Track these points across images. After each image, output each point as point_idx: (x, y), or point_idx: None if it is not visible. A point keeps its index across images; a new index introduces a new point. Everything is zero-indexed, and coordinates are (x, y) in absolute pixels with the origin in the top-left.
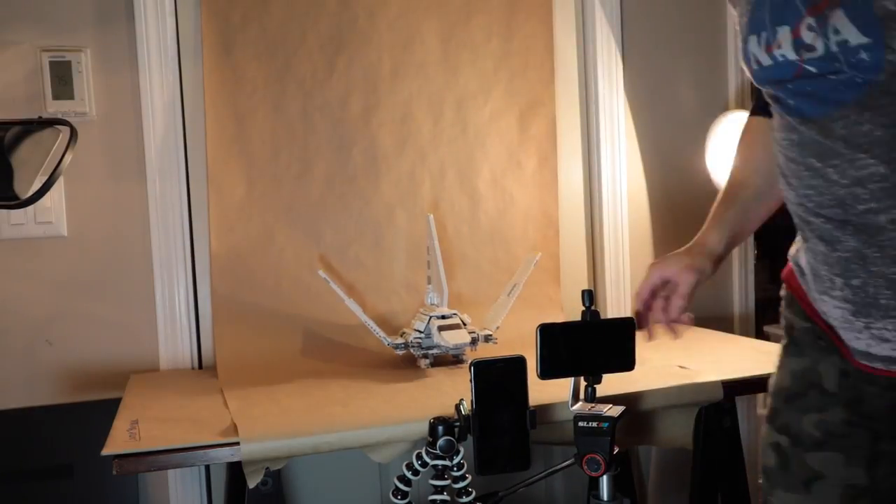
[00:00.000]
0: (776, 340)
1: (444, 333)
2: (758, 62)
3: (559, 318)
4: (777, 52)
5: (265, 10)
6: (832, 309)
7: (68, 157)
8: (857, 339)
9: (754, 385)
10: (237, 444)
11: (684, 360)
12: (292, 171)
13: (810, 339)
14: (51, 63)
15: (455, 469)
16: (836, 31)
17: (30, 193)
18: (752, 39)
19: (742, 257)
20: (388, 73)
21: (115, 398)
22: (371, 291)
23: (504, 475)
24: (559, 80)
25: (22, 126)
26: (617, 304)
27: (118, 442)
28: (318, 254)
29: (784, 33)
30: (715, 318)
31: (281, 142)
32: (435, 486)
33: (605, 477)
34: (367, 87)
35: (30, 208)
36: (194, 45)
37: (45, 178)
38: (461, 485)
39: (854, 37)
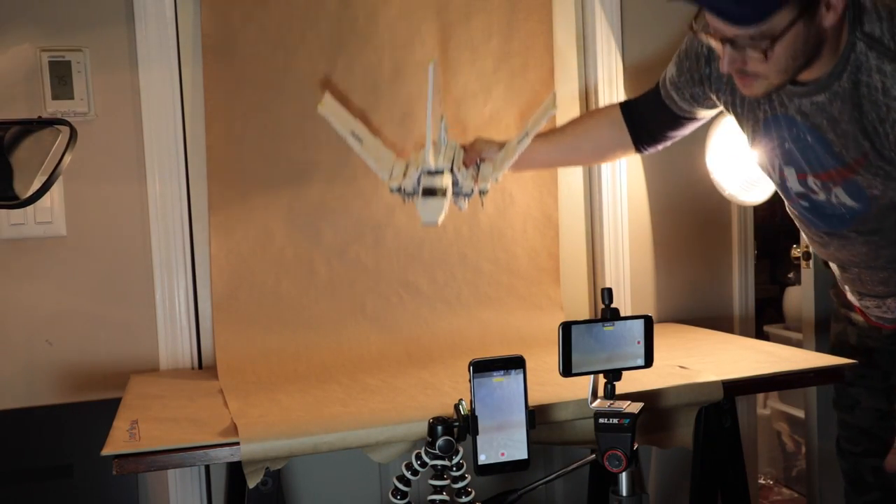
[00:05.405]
0: (776, 340)
1: (426, 201)
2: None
3: (559, 318)
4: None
5: (265, 10)
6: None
7: (68, 157)
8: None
9: (754, 385)
10: (237, 444)
11: (684, 360)
12: (292, 171)
13: None
14: (50, 63)
15: (454, 469)
16: (836, 196)
17: (29, 193)
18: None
19: (742, 258)
20: (388, 73)
21: (115, 398)
22: (371, 291)
23: (504, 475)
24: (559, 80)
25: (22, 126)
26: (617, 303)
27: (118, 442)
28: (317, 253)
29: (790, 172)
30: (715, 318)
31: (281, 142)
32: (434, 487)
33: (624, 473)
34: (367, 87)
35: (29, 208)
36: (194, 45)
37: (44, 178)
38: (460, 485)
39: (849, 201)
